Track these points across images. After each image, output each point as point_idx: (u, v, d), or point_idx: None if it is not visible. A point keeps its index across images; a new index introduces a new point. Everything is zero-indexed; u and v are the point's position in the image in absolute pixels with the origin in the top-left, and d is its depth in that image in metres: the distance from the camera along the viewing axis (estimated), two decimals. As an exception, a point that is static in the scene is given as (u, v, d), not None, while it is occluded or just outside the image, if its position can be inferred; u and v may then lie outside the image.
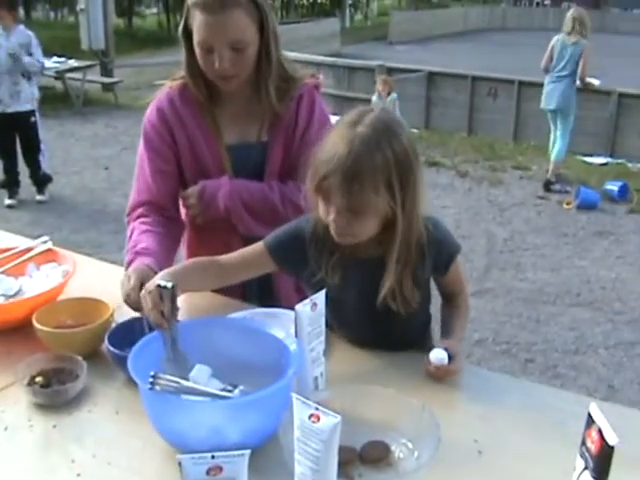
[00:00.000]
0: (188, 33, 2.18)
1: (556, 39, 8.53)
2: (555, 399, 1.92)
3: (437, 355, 1.88)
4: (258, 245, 2.05)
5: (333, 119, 2.20)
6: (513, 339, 5.07)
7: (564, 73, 8.43)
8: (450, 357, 1.89)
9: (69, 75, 13.26)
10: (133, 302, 1.98)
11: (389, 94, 10.42)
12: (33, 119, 7.49)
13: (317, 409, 1.29)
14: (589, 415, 1.32)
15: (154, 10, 46.60)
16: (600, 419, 1.28)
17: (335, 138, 1.81)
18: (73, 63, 13.63)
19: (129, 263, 2.15)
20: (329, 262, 1.95)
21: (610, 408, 1.89)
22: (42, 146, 7.74)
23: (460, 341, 2.03)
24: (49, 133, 9.39)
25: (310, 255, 1.98)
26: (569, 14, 8.47)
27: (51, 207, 7.73)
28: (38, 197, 7.89)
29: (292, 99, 2.32)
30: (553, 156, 8.86)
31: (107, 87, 14.64)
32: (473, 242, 6.79)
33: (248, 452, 1.27)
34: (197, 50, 2.15)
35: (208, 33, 2.10)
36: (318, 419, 1.29)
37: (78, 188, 8.40)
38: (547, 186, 8.84)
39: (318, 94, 2.40)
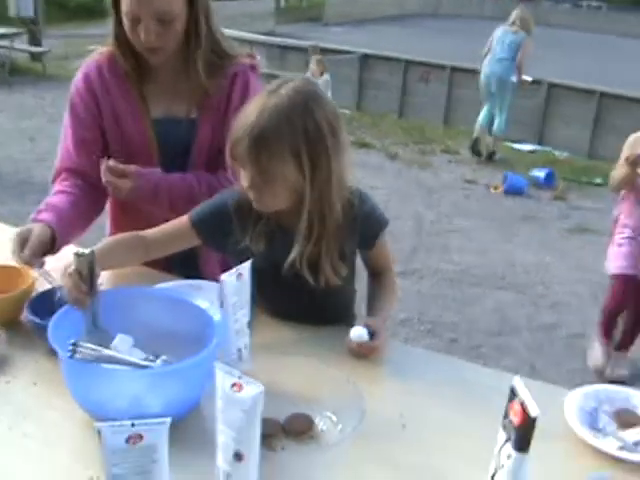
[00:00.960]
0: (117, 3, 2.12)
1: (499, 28, 8.97)
2: (478, 375, 1.95)
3: (356, 332, 1.89)
4: (183, 219, 2.05)
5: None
6: (438, 319, 5.12)
7: (504, 56, 8.78)
8: (372, 334, 1.90)
9: (-5, 42, 12.92)
10: (20, 261, 1.98)
11: (322, 74, 10.42)
12: None
13: (240, 378, 1.28)
14: (512, 388, 1.33)
15: (86, -20, 45.68)
16: (523, 392, 1.30)
17: (251, 106, 1.82)
18: (0, 30, 13.27)
19: (33, 220, 2.11)
20: (254, 231, 1.96)
21: (531, 384, 1.93)
22: None
23: (384, 318, 2.04)
24: (-28, 102, 9.16)
25: (235, 225, 1.98)
26: (514, 12, 8.94)
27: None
28: None
29: (225, 77, 2.27)
30: (498, 129, 9.25)
31: (35, 57, 14.28)
32: (401, 223, 6.82)
33: (169, 420, 1.25)
34: (125, 21, 2.10)
35: (135, 3, 2.04)
36: (240, 388, 1.27)
37: (2, 159, 8.18)
38: (490, 156, 9.37)
39: (254, 75, 2.33)
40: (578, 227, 7.30)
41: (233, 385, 1.28)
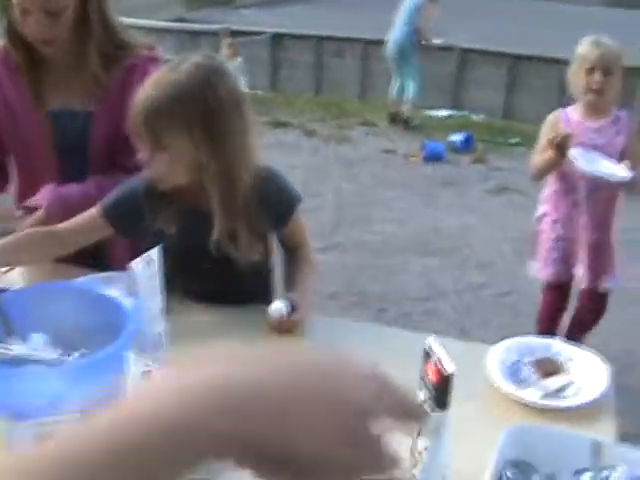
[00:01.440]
0: None
1: None
2: (395, 338, 1.96)
3: (275, 307, 1.88)
4: (92, 211, 2.03)
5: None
6: (365, 290, 5.14)
7: (405, 21, 8.83)
8: (293, 309, 1.89)
9: None
10: None
11: (235, 58, 10.34)
12: None
13: (150, 365, 1.25)
14: (426, 349, 1.33)
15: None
16: (438, 350, 1.30)
17: (150, 80, 1.83)
18: None
19: None
20: (165, 213, 1.96)
21: (454, 344, 1.94)
22: None
23: (304, 292, 2.03)
24: None
25: (146, 210, 1.97)
26: None
27: None
28: None
29: (123, 68, 2.23)
30: (410, 96, 9.25)
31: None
32: (321, 199, 6.81)
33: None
34: (15, 12, 2.07)
35: None
36: (152, 375, 1.25)
37: None
38: (407, 123, 9.38)
39: (153, 66, 2.17)
40: (498, 187, 7.38)
41: (144, 372, 1.25)
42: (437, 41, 9.62)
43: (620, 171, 3.24)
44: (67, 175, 2.26)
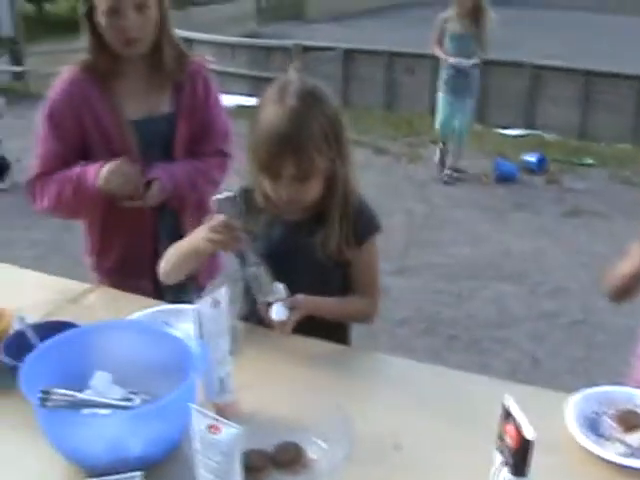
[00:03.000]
0: (90, 11, 2.28)
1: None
2: (472, 384, 1.90)
3: (276, 311, 1.92)
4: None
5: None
6: (436, 316, 5.05)
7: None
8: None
9: (-25, 65, 12.86)
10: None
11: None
12: None
13: (216, 420, 1.22)
14: (504, 408, 1.27)
15: (65, -6, 45.70)
16: (516, 412, 1.24)
17: (268, 116, 1.91)
18: (-21, 52, 13.23)
19: (84, 178, 2.32)
20: (260, 221, 2.06)
21: (528, 391, 1.87)
22: None
23: (314, 303, 2.02)
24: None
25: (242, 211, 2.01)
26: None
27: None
28: None
29: (187, 73, 2.48)
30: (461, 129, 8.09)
31: (17, 76, 14.24)
32: (392, 220, 6.71)
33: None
34: (103, 19, 2.26)
35: None
36: (218, 430, 1.21)
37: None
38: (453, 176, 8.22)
39: (208, 73, 2.58)
40: (572, 210, 7.21)
41: (210, 427, 1.22)
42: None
43: None
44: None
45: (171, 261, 2.10)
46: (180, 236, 2.13)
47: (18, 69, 14.49)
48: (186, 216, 2.52)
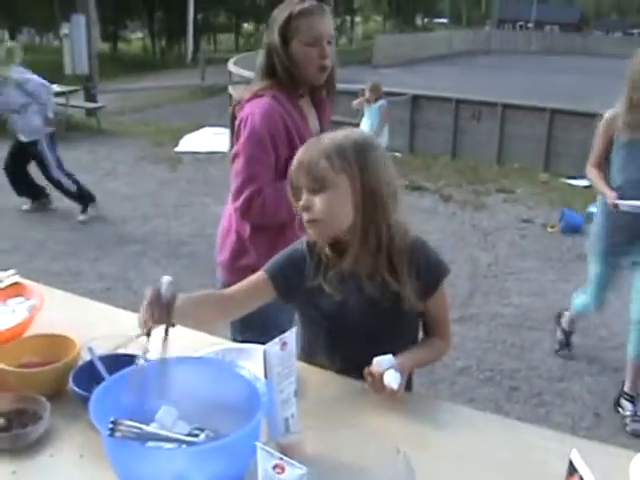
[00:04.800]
0: (286, 42, 2.66)
1: None
2: (535, 437, 1.87)
3: (389, 377, 1.88)
4: (259, 273, 2.11)
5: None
6: (497, 366, 4.99)
7: None
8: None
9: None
10: None
11: (377, 100, 10.33)
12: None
13: (281, 459, 1.23)
14: (571, 463, 1.26)
15: (139, 35, 46.82)
16: (582, 467, 1.23)
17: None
18: (56, 88, 13.56)
19: None
20: (326, 276, 2.02)
21: (593, 448, 1.84)
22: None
23: (411, 361, 2.04)
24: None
25: (307, 273, 2.05)
26: None
27: (29, 234, 7.61)
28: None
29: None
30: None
31: (90, 112, 14.59)
32: (457, 267, 6.71)
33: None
34: (302, 50, 2.66)
35: (318, 28, 2.65)
36: (283, 470, 1.22)
37: (58, 214, 8.30)
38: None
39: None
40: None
41: (275, 467, 1.23)
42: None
43: None
44: None
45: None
46: None
47: (91, 105, 14.86)
48: None
